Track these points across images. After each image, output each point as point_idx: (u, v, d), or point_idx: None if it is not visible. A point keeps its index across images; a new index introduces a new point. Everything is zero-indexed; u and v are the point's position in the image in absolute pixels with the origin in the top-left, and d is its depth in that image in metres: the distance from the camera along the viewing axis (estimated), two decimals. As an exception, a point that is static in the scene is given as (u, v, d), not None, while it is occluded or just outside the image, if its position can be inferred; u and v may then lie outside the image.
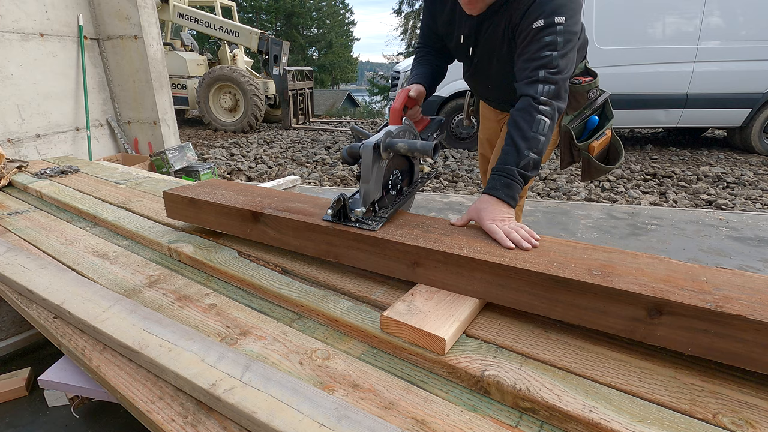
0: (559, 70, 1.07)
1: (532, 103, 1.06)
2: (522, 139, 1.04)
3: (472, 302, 0.83)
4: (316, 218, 1.03)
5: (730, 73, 5.24)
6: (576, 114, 1.41)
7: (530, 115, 1.06)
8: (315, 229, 1.01)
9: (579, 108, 1.41)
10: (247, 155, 5.66)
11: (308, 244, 1.04)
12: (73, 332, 0.90)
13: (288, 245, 1.08)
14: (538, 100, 1.06)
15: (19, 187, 1.95)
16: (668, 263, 0.78)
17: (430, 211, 3.21)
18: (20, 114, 3.31)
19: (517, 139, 1.05)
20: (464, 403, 0.66)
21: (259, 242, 1.16)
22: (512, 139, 1.06)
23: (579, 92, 1.38)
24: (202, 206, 1.22)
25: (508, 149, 1.05)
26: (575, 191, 3.85)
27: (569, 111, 1.40)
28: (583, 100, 1.40)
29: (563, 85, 1.10)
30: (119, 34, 3.86)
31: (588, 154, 1.42)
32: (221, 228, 1.21)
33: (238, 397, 0.65)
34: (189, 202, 1.24)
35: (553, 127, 1.08)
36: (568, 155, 1.46)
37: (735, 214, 3.14)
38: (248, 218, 1.12)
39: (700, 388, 0.64)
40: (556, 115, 1.09)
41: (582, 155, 1.43)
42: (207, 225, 1.24)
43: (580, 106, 1.41)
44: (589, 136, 1.43)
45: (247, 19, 21.56)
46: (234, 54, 9.02)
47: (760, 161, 5.12)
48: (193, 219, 1.27)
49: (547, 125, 1.06)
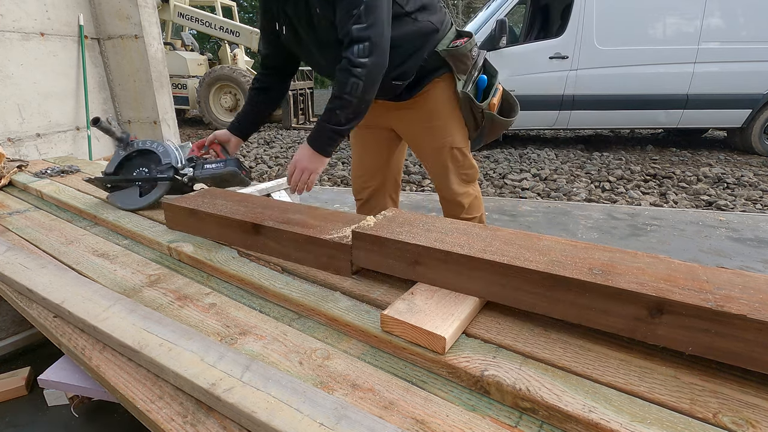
0: (368, 24, 1.15)
1: (348, 66, 1.18)
2: (337, 98, 1.22)
3: (472, 301, 0.82)
4: (316, 231, 1.02)
5: (731, 74, 5.24)
6: (466, 77, 1.45)
7: (345, 78, 1.19)
8: (316, 242, 1.01)
9: (467, 70, 1.44)
10: (248, 155, 5.66)
11: (308, 257, 1.04)
12: (73, 331, 0.90)
13: (288, 257, 1.08)
14: (353, 62, 1.17)
15: (20, 187, 1.95)
16: (669, 263, 0.78)
17: (430, 211, 3.21)
18: (20, 113, 3.31)
19: (334, 99, 1.23)
20: (464, 403, 0.66)
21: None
22: (332, 97, 1.23)
23: (463, 54, 1.41)
24: (204, 218, 1.21)
25: (329, 107, 1.24)
26: (575, 192, 3.85)
27: (459, 75, 1.43)
28: (469, 61, 1.43)
29: (377, 40, 1.18)
30: (120, 33, 3.86)
31: (490, 112, 1.46)
32: (222, 239, 1.20)
33: (238, 396, 0.65)
34: (189, 213, 1.23)
35: (369, 88, 1.22)
36: (472, 119, 1.50)
37: (735, 215, 3.14)
38: (249, 230, 1.12)
39: (701, 387, 0.64)
40: (376, 71, 1.21)
41: (485, 115, 1.47)
42: (208, 236, 1.23)
43: (467, 68, 1.44)
44: (485, 96, 1.47)
45: (248, 18, 21.58)
46: (234, 54, 9.03)
47: (761, 162, 5.12)
48: (194, 230, 1.26)
49: (360, 87, 1.19)
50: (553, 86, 5.52)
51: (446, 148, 1.50)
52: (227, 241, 1.20)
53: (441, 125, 1.48)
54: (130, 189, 1.54)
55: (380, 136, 1.63)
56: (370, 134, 1.63)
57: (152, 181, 1.51)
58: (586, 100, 5.53)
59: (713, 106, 5.37)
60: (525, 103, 5.33)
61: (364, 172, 1.70)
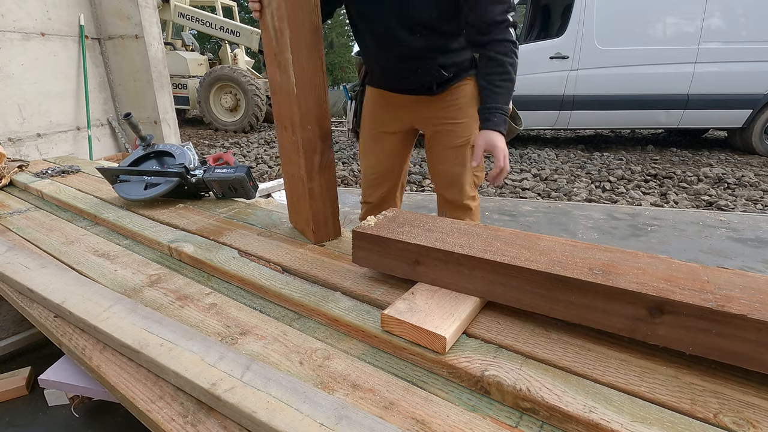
0: (514, 11, 1.24)
1: (513, 48, 1.23)
2: (509, 81, 1.24)
3: (472, 301, 0.82)
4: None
5: (731, 74, 5.23)
6: None
7: (511, 59, 1.23)
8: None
9: None
10: (248, 155, 5.66)
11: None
12: (73, 331, 0.90)
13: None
14: (515, 43, 1.22)
15: (20, 187, 1.95)
16: (669, 263, 0.78)
17: (431, 211, 3.21)
18: (21, 113, 3.31)
19: (506, 81, 1.24)
20: (464, 403, 0.66)
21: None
22: (503, 80, 1.24)
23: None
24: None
25: (499, 89, 1.24)
26: (576, 192, 3.85)
27: None
28: None
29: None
30: (120, 33, 3.86)
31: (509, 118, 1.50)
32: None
33: (239, 396, 0.65)
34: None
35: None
36: None
37: (736, 215, 3.14)
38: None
39: (701, 387, 0.64)
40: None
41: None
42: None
43: None
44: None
45: (248, 19, 21.56)
46: (235, 54, 9.02)
47: (761, 162, 5.12)
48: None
49: (516, 68, 1.25)
50: (553, 86, 5.51)
51: (467, 147, 1.50)
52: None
53: (466, 123, 1.48)
54: (136, 182, 1.57)
55: (402, 139, 1.62)
56: (393, 138, 1.61)
57: (161, 175, 1.54)
58: (586, 100, 5.53)
59: (714, 106, 5.36)
60: (525, 103, 5.38)
61: (380, 176, 1.69)
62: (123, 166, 1.63)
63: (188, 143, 1.65)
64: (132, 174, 1.59)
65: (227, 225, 1.35)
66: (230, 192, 1.57)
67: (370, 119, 1.62)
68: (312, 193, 1.17)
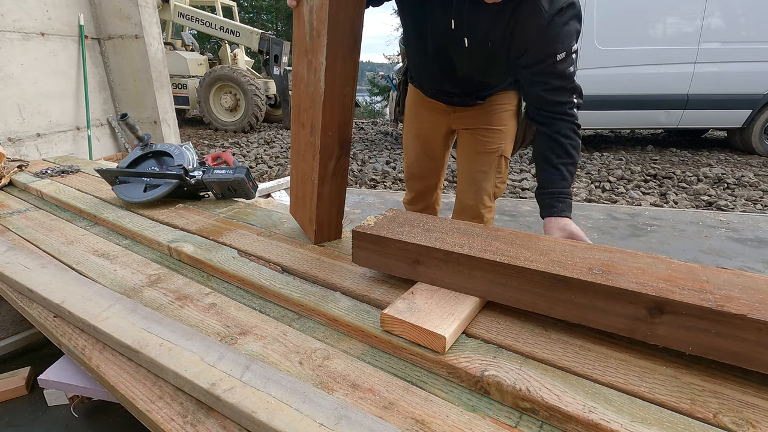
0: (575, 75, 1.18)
1: (574, 124, 1.19)
2: (572, 165, 1.19)
3: (472, 301, 0.82)
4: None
5: (731, 74, 5.24)
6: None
7: (575, 141, 1.19)
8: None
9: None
10: (248, 155, 5.66)
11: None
12: (73, 331, 0.90)
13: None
14: (577, 118, 1.19)
15: (20, 187, 1.95)
16: (669, 263, 0.78)
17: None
18: (21, 113, 3.31)
19: (569, 165, 1.19)
20: (464, 403, 0.66)
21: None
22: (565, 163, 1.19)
23: None
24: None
25: (563, 174, 1.18)
26: (575, 192, 3.85)
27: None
28: None
29: None
30: (120, 33, 3.86)
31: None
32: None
33: (238, 396, 0.65)
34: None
35: None
36: (521, 136, 1.57)
37: (735, 215, 3.14)
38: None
39: (701, 387, 0.64)
40: None
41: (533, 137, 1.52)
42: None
43: None
44: None
45: (248, 19, 21.56)
46: (235, 54, 9.02)
47: (761, 162, 5.12)
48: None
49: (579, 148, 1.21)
50: (553, 86, 5.52)
51: (496, 154, 1.52)
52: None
53: (499, 131, 1.50)
54: (135, 183, 1.57)
55: (439, 140, 1.64)
56: (430, 139, 1.63)
57: (160, 177, 1.54)
58: (586, 100, 5.49)
59: (713, 106, 5.36)
60: (525, 103, 5.36)
61: (416, 174, 1.72)
62: (121, 167, 1.62)
63: (188, 143, 1.65)
64: (131, 176, 1.59)
65: (227, 225, 1.35)
66: (230, 192, 1.57)
67: (410, 118, 1.65)
68: (321, 197, 1.15)
